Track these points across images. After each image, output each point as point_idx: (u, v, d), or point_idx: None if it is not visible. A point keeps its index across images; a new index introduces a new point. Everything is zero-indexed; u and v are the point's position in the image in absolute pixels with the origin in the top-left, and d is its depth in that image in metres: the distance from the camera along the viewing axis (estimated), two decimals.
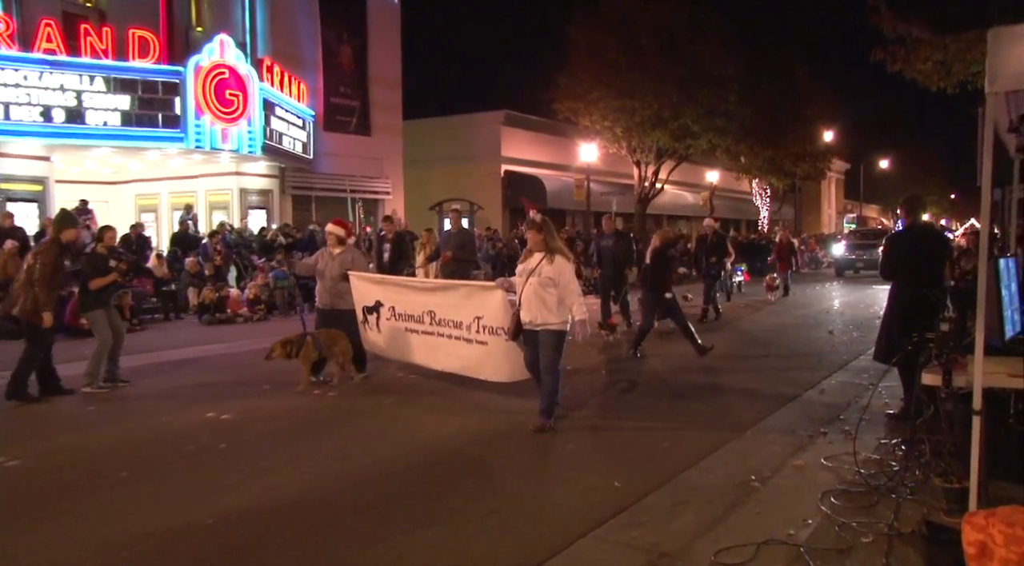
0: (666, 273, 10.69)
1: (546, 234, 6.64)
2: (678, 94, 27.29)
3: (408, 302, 8.57)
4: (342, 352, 8.70)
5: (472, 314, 7.68)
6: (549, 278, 6.47)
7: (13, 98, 16.24)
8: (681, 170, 33.38)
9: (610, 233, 13.30)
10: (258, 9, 22.12)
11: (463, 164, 30.09)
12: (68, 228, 8.45)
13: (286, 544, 4.40)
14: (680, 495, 5.07)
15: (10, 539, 4.47)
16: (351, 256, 9.13)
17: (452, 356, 8.04)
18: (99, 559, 4.22)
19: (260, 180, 22.34)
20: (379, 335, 8.97)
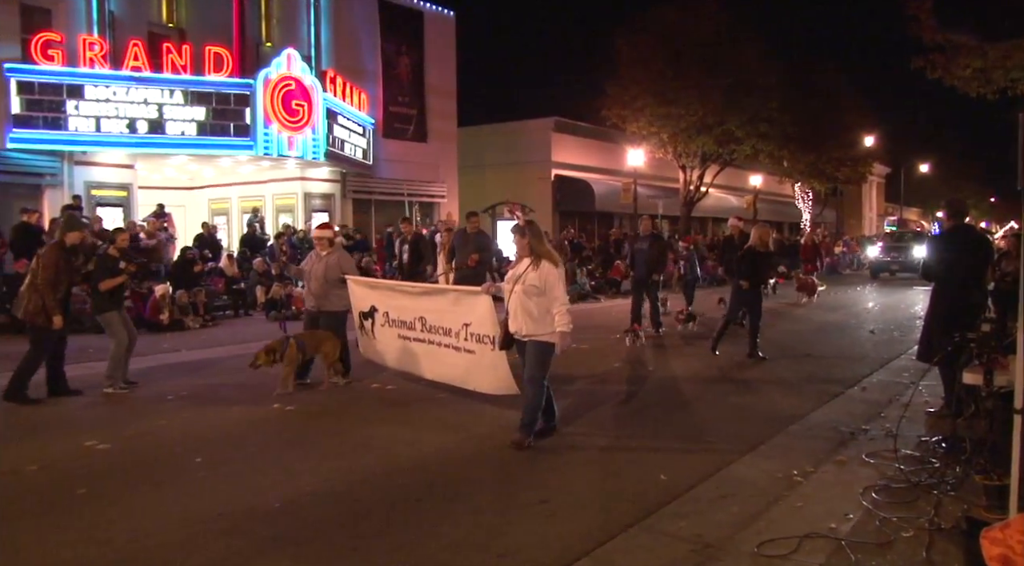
0: (765, 270, 11.05)
1: (531, 238, 6.26)
2: (722, 101, 27.84)
3: (400, 307, 8.36)
4: (328, 353, 8.52)
5: (460, 321, 7.39)
6: (533, 285, 6.09)
7: (103, 112, 17.44)
8: (725, 174, 33.84)
9: (647, 235, 12.96)
10: (322, 25, 23.17)
11: (515, 169, 30.80)
12: (73, 231, 8.43)
13: (350, 523, 4.67)
14: (724, 488, 5.18)
15: (103, 510, 4.95)
16: (337, 258, 8.93)
17: (443, 365, 7.76)
18: (180, 531, 4.58)
19: (323, 185, 23.34)
20: (375, 341, 8.83)
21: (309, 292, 8.94)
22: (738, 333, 11.38)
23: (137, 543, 4.44)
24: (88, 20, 18.31)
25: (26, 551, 4.37)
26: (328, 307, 8.83)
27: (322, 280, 8.73)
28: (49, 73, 17.02)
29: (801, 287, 19.01)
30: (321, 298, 8.81)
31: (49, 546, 4.42)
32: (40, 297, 7.92)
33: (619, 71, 29.15)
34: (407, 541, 4.46)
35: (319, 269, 8.78)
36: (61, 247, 8.22)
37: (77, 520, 4.82)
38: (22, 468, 5.86)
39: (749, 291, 10.60)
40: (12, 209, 16.70)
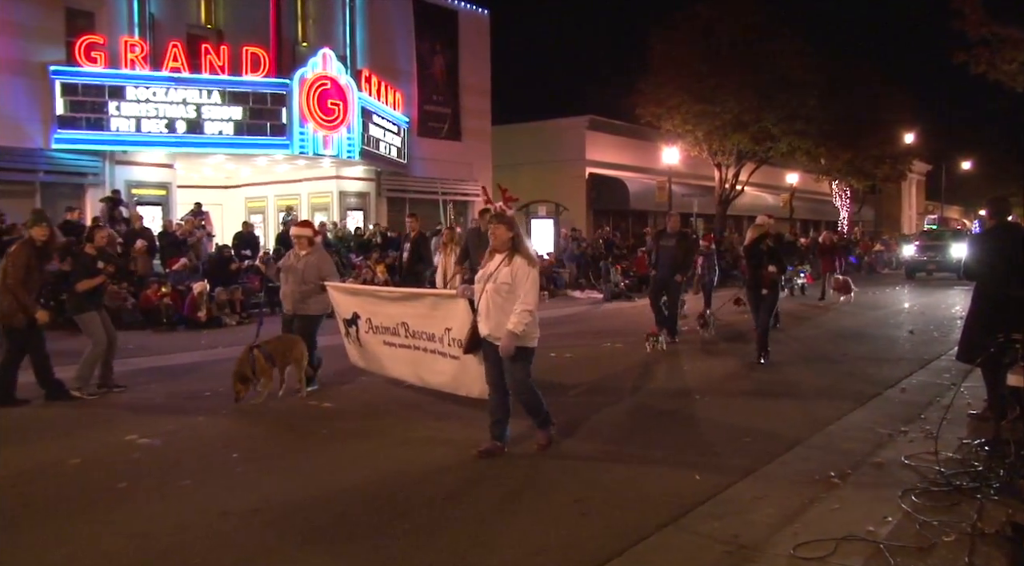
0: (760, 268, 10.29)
1: (515, 232, 5.82)
2: (758, 99, 27.60)
3: (382, 314, 7.88)
4: (296, 358, 8.05)
5: (442, 325, 7.01)
6: (505, 283, 5.68)
7: (144, 112, 17.75)
8: (761, 172, 33.56)
9: (673, 233, 12.04)
10: (358, 25, 23.37)
11: (549, 167, 30.81)
12: (35, 226, 8.05)
13: (386, 520, 4.72)
14: (760, 489, 5.12)
15: (144, 504, 5.06)
16: (316, 258, 8.41)
17: (431, 371, 7.36)
18: (219, 524, 4.67)
19: (358, 183, 23.56)
20: (360, 349, 8.34)
21: (286, 294, 8.43)
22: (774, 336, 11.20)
23: (177, 536, 4.51)
24: (129, 22, 18.66)
25: (72, 543, 4.47)
26: (304, 310, 8.37)
27: (299, 281, 8.27)
28: (92, 75, 17.37)
29: (837, 287, 18.71)
30: (297, 301, 8.36)
31: (93, 538, 4.52)
32: (14, 297, 7.66)
33: (654, 69, 29.04)
34: (441, 539, 4.48)
35: (297, 270, 8.30)
36: (31, 244, 7.93)
37: (119, 513, 4.91)
38: (65, 461, 5.98)
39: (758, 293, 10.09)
40: (57, 208, 17.09)
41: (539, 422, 6.07)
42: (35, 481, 5.59)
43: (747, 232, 10.60)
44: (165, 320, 14.25)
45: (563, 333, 13.09)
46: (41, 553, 4.33)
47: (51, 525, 4.72)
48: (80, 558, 4.28)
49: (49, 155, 17.49)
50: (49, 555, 4.31)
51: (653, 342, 11.10)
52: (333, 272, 8.74)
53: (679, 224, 12.34)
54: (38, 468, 5.87)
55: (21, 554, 4.34)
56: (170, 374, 9.86)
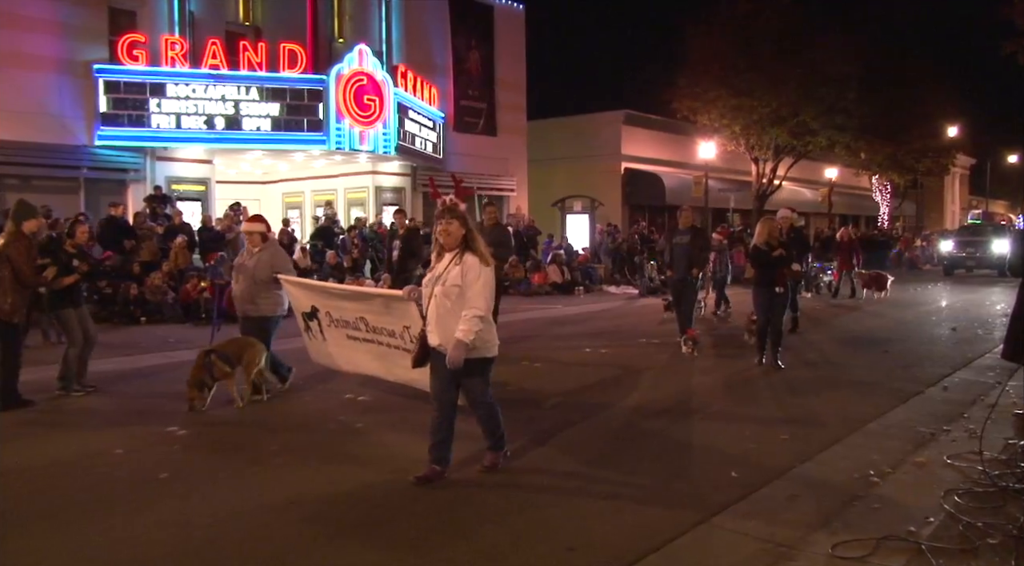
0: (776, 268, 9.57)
1: (468, 228, 5.21)
2: (796, 92, 27.24)
3: (339, 307, 7.42)
4: (250, 361, 7.63)
5: (400, 323, 6.59)
6: (455, 285, 5.05)
7: (183, 109, 17.98)
8: (799, 167, 33.15)
9: (686, 229, 11.27)
10: (394, 20, 23.45)
11: (584, 162, 30.72)
12: (28, 219, 7.80)
13: (419, 513, 4.75)
14: (797, 487, 5.07)
15: (185, 494, 5.16)
16: (269, 255, 7.96)
17: (398, 366, 6.73)
18: (258, 516, 4.74)
19: (394, 178, 23.64)
20: (324, 344, 7.84)
21: (235, 295, 8.07)
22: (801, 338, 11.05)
23: (217, 527, 4.59)
24: (170, 21, 18.93)
25: (116, 530, 4.57)
26: (254, 311, 7.90)
27: (250, 280, 7.81)
28: (133, 72, 17.64)
29: (868, 283, 18.38)
30: (247, 301, 7.91)
31: (137, 527, 4.61)
32: (18, 295, 7.56)
33: (690, 62, 28.78)
34: (473, 532, 4.50)
35: (248, 268, 7.86)
36: (24, 236, 7.71)
37: (161, 503, 5.00)
38: (109, 451, 6.11)
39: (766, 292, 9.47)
40: (100, 203, 17.50)
41: (492, 442, 5.49)
42: (80, 470, 5.71)
43: (756, 227, 10.02)
44: (204, 314, 14.47)
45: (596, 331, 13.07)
46: (83, 542, 4.43)
47: (95, 514, 4.82)
48: (121, 548, 4.35)
49: (92, 152, 17.83)
50: (91, 543, 4.41)
51: (692, 345, 10.47)
52: (288, 268, 8.25)
53: (691, 219, 11.51)
54: (83, 457, 6.00)
55: (66, 542, 4.42)
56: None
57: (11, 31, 16.58)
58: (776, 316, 9.44)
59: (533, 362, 10.07)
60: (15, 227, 7.67)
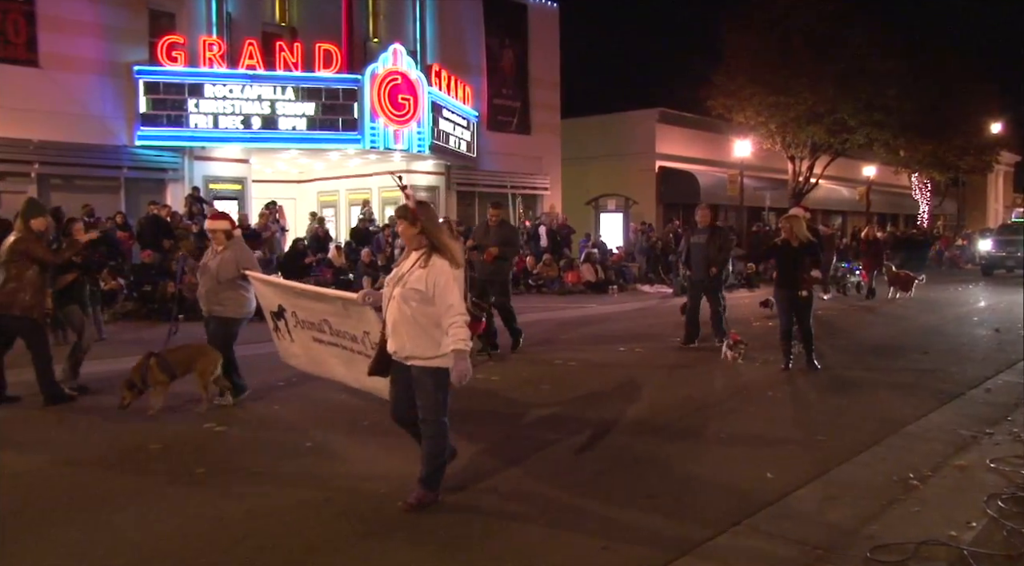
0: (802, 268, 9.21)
1: (424, 224, 4.73)
2: (834, 89, 26.85)
3: (305, 308, 6.91)
4: (204, 369, 7.34)
5: (360, 328, 6.07)
6: (415, 289, 4.60)
7: (221, 109, 18.22)
8: (836, 164, 32.73)
9: (704, 227, 11.00)
10: (428, 20, 23.55)
11: (619, 161, 30.60)
12: (36, 217, 7.83)
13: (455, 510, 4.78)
14: (833, 489, 5.01)
15: (222, 489, 5.22)
16: (233, 253, 7.59)
17: (363, 373, 5.76)
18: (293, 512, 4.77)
19: (428, 177, 23.73)
20: (292, 345, 7.29)
21: (199, 294, 7.79)
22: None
23: (255, 522, 4.64)
24: (208, 22, 19.19)
25: (158, 524, 4.64)
26: (219, 312, 7.59)
27: (213, 280, 7.51)
28: (172, 73, 17.91)
29: (893, 282, 17.94)
30: (213, 302, 7.60)
31: (175, 520, 4.68)
32: (38, 291, 7.64)
33: (726, 59, 28.54)
34: (508, 532, 4.50)
35: (211, 267, 7.57)
36: (33, 232, 7.75)
37: (198, 497, 5.07)
38: (146, 446, 6.20)
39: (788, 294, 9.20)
40: (140, 202, 17.79)
41: (428, 473, 4.79)
42: (117, 465, 5.80)
43: (781, 224, 9.69)
44: None
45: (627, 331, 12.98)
46: (122, 535, 4.49)
47: (134, 508, 4.89)
48: (160, 541, 4.42)
49: (132, 152, 18.13)
50: (129, 536, 4.47)
51: (740, 351, 9.80)
52: (254, 265, 7.83)
53: (709, 217, 11.13)
54: (121, 452, 6.09)
55: (104, 536, 4.50)
56: (244, 364, 10.04)
57: (56, 34, 16.93)
58: (802, 318, 9.13)
59: (568, 361, 10.05)
60: (24, 225, 7.77)
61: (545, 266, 21.03)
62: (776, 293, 9.50)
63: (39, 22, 16.77)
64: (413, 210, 4.74)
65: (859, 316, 15.13)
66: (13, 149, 16.52)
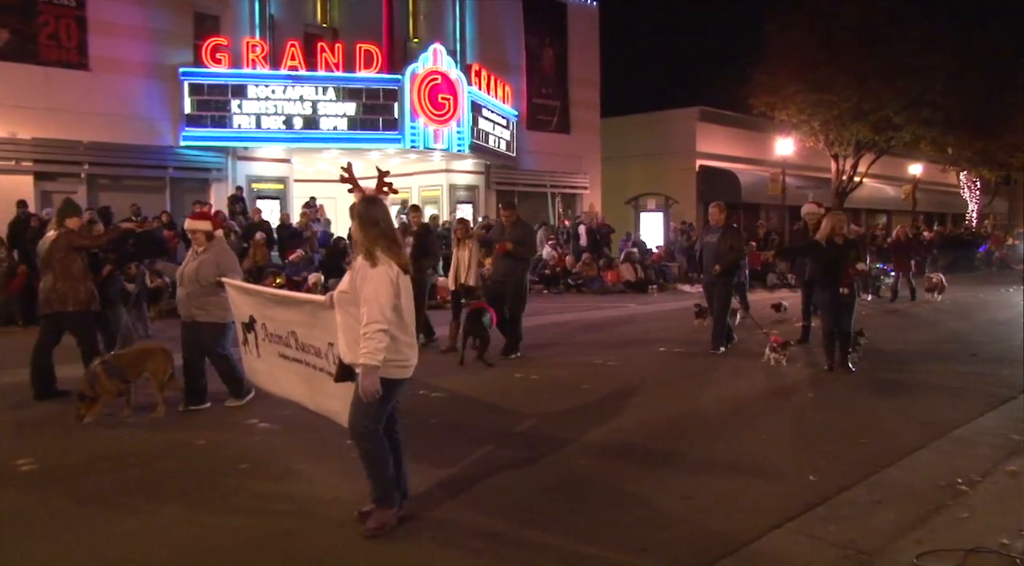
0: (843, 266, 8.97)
1: (361, 222, 4.32)
2: (879, 86, 26.39)
3: (274, 319, 6.18)
4: (155, 370, 7.08)
5: (325, 339, 5.39)
6: (344, 292, 4.38)
7: (263, 110, 18.50)
8: (881, 163, 32.19)
9: (717, 226, 10.57)
10: (468, 20, 23.67)
11: (659, 160, 30.44)
12: (72, 216, 7.97)
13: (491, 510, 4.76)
14: (879, 493, 4.91)
15: (266, 485, 5.30)
16: (213, 255, 7.18)
17: (325, 395, 5.44)
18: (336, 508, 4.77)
19: (467, 176, 23.86)
20: (258, 361, 6.54)
21: (178, 298, 7.41)
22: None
23: (300, 517, 4.68)
24: (251, 24, 19.49)
25: (200, 518, 4.69)
26: (202, 317, 7.15)
27: (193, 283, 7.10)
28: (217, 75, 18.22)
29: (931, 287, 17.41)
30: (192, 305, 7.17)
31: (220, 514, 4.75)
32: (87, 283, 7.75)
33: (768, 56, 28.21)
34: (545, 532, 4.49)
35: (190, 269, 7.16)
36: (71, 233, 7.85)
37: (243, 492, 5.14)
38: (191, 442, 6.30)
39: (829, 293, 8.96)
40: (184, 202, 18.14)
41: (378, 494, 4.47)
42: (164, 459, 5.89)
43: (823, 222, 9.32)
44: None
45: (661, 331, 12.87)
46: (169, 530, 4.56)
47: (180, 502, 4.96)
48: (206, 533, 4.48)
49: (178, 152, 18.49)
50: (176, 531, 4.53)
51: (781, 353, 9.42)
52: (235, 269, 7.35)
53: (722, 216, 10.67)
54: (167, 447, 6.19)
55: (153, 528, 4.57)
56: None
57: (106, 38, 17.35)
58: (844, 318, 8.89)
59: (607, 361, 9.99)
60: (59, 224, 7.93)
61: (584, 265, 20.97)
62: (817, 293, 9.30)
63: (90, 27, 17.19)
64: (361, 210, 4.35)
65: (907, 317, 14.84)
66: (64, 150, 16.93)
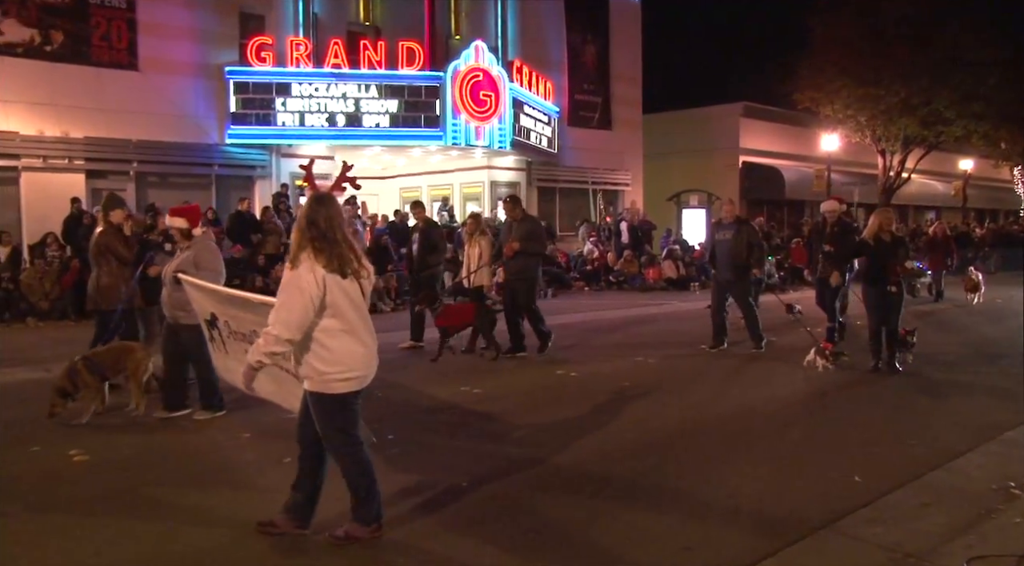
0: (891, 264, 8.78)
1: (300, 221, 4.13)
2: (929, 79, 25.84)
3: (236, 317, 5.84)
4: (134, 369, 6.96)
5: None
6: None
7: (307, 107, 18.70)
8: (930, 158, 31.51)
9: (730, 222, 10.33)
10: (509, 16, 23.65)
11: (701, 156, 30.18)
12: (115, 209, 8.02)
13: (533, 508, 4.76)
14: (927, 495, 4.83)
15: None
16: (193, 253, 6.85)
17: (291, 395, 5.09)
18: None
19: (509, 173, 23.85)
20: (228, 358, 6.21)
21: (162, 299, 7.03)
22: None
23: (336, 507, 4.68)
24: (295, 23, 19.72)
25: (243, 509, 4.73)
26: (184, 319, 6.70)
27: (173, 283, 6.70)
28: (261, 73, 18.46)
29: (969, 288, 16.63)
30: (175, 307, 6.81)
31: (264, 506, 4.74)
32: (127, 281, 7.85)
33: (813, 51, 27.81)
34: (588, 531, 4.48)
35: (171, 268, 6.83)
36: (114, 226, 7.94)
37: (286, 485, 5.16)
38: (238, 434, 6.40)
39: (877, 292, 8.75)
40: (229, 199, 18.43)
41: (355, 506, 4.27)
42: (214, 452, 6.02)
43: (870, 219, 9.16)
44: None
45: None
46: (212, 518, 4.62)
47: (222, 492, 5.06)
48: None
49: (223, 150, 18.79)
50: (241, 513, 4.57)
51: (832, 359, 8.98)
52: (214, 268, 6.88)
53: (734, 212, 10.47)
54: (213, 439, 6.31)
55: (200, 517, 4.63)
56: None
57: (155, 39, 17.69)
58: (892, 317, 8.73)
59: (648, 358, 9.94)
60: (104, 217, 8.08)
61: (626, 262, 20.88)
62: (865, 291, 9.11)
63: (139, 28, 17.54)
64: (304, 212, 4.13)
65: (955, 318, 14.52)
66: (114, 148, 17.29)
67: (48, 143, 16.64)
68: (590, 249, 21.60)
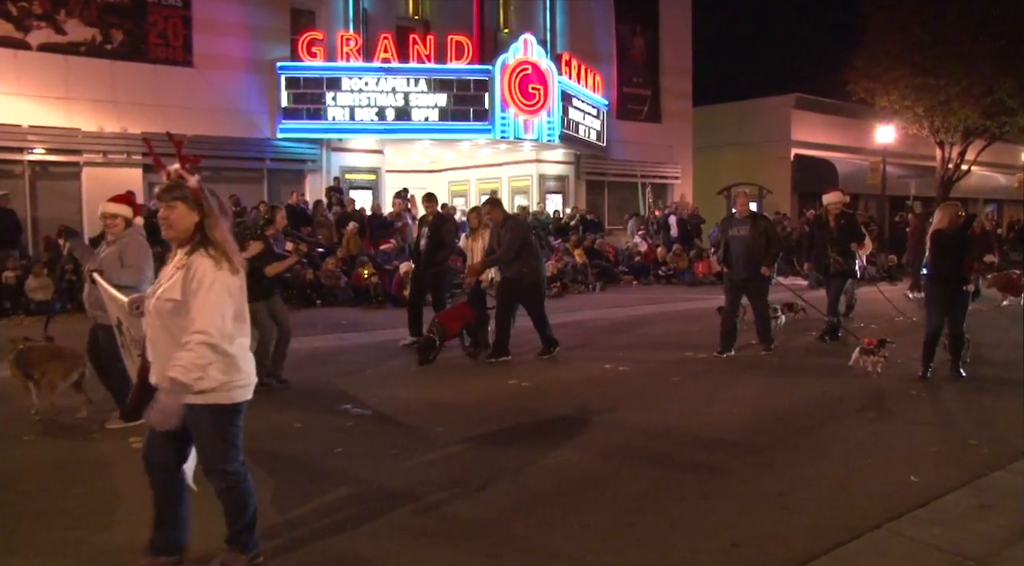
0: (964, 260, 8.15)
1: (204, 211, 3.55)
2: (991, 68, 25.03)
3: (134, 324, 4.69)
4: (51, 373, 6.42)
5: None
6: (171, 299, 3.47)
7: (357, 102, 18.90)
8: (992, 150, 30.54)
9: (744, 217, 9.80)
10: (558, 9, 23.57)
11: (752, 149, 29.75)
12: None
13: (586, 498, 4.81)
14: (987, 497, 4.71)
15: (359, 470, 5.36)
16: (119, 248, 6.09)
17: None
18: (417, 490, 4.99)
19: (557, 166, 23.82)
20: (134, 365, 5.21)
21: (84, 296, 6.43)
22: None
23: (386, 501, 4.76)
24: (345, 18, 19.96)
25: (292, 499, 4.81)
26: (102, 319, 5.89)
27: (90, 282, 5.94)
28: (312, 68, 18.71)
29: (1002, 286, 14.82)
30: (94, 306, 6.08)
31: (313, 497, 4.85)
32: None
33: (868, 40, 27.12)
34: (638, 522, 4.46)
35: (93, 265, 5.96)
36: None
37: (336, 476, 5.26)
38: (289, 424, 6.50)
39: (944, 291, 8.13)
40: (281, 192, 18.74)
41: (234, 534, 3.71)
42: (264, 442, 6.03)
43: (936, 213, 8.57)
44: (373, 298, 15.11)
45: None
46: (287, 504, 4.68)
47: (270, 483, 5.10)
48: (300, 516, 4.59)
49: (275, 144, 19.11)
50: (294, 500, 4.63)
51: (878, 354, 8.35)
52: (136, 266, 6.11)
53: (748, 205, 10.05)
54: (265, 430, 6.34)
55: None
56: (377, 349, 10.40)
57: (209, 36, 18.06)
58: (957, 319, 8.16)
59: (697, 354, 9.85)
60: None
61: (675, 256, 20.71)
62: (929, 290, 8.62)
63: (194, 25, 17.93)
64: (193, 191, 3.53)
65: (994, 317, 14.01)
66: (170, 144, 17.57)
67: (108, 139, 17.09)
68: (639, 243, 21.45)
